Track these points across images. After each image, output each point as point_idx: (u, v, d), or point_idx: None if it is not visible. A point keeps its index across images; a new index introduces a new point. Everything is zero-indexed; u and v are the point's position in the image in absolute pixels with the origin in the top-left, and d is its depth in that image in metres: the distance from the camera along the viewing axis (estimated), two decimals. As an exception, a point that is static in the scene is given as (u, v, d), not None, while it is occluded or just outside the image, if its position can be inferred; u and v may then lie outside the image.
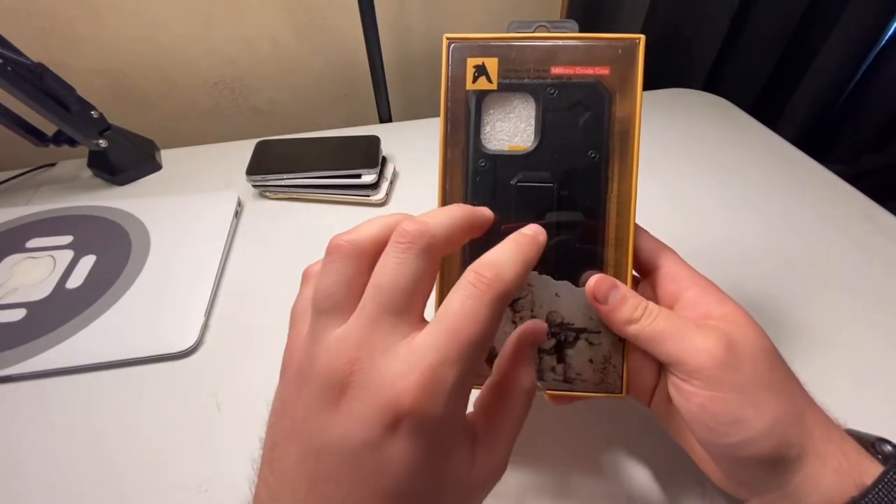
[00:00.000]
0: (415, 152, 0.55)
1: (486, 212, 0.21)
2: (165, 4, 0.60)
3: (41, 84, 0.46)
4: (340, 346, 0.16)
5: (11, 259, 0.42)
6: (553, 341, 0.23)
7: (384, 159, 0.52)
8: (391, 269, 0.17)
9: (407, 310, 0.17)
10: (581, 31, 0.23)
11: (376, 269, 0.17)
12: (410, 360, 0.16)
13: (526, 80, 0.23)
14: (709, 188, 0.51)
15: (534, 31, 0.23)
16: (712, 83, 0.84)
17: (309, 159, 0.51)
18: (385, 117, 0.66)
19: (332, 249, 0.18)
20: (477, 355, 0.16)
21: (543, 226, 0.22)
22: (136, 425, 0.33)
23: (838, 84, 0.97)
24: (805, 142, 0.86)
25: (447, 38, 0.23)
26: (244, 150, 0.53)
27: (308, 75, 0.72)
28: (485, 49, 0.23)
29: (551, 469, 0.30)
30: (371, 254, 0.18)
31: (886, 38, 0.93)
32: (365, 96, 0.69)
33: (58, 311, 0.38)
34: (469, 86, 0.23)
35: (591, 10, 0.75)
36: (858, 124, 1.02)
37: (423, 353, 0.16)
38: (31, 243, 0.44)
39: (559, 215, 0.23)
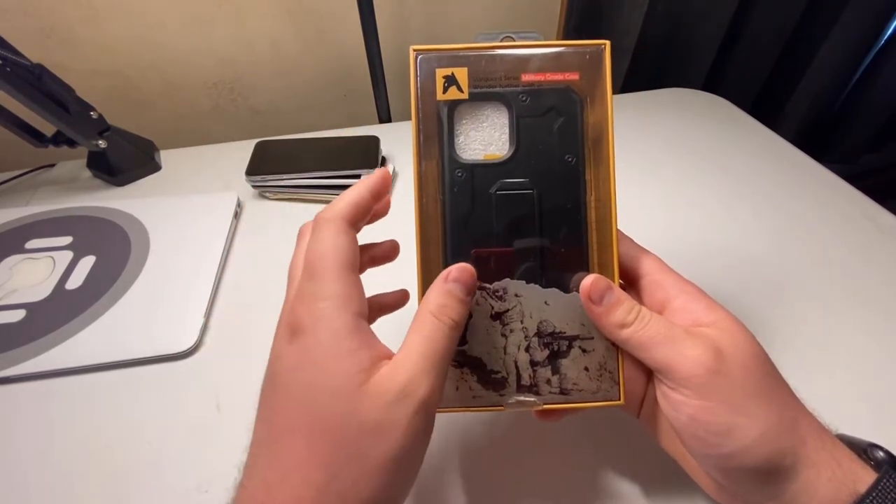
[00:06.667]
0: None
1: (381, 175, 0.24)
2: (165, 5, 0.60)
3: (40, 85, 0.46)
4: (294, 302, 0.21)
5: (11, 260, 0.42)
6: (546, 352, 0.23)
7: (384, 159, 0.52)
8: (306, 247, 0.22)
9: (320, 271, 0.21)
10: (579, 32, 0.23)
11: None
12: (300, 295, 0.21)
13: (497, 88, 0.23)
14: (708, 188, 0.51)
15: (500, 41, 0.23)
16: (712, 83, 0.84)
17: (308, 160, 0.51)
18: (384, 117, 0.66)
19: (316, 223, 0.23)
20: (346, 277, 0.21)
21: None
22: (136, 426, 0.33)
23: (838, 84, 0.97)
24: (804, 141, 0.86)
25: (414, 51, 0.23)
26: (244, 150, 0.53)
27: (307, 76, 0.72)
28: (453, 59, 0.23)
29: (546, 484, 0.30)
30: (349, 221, 0.22)
31: (885, 38, 0.93)
32: (364, 96, 0.69)
33: (57, 312, 0.38)
34: (440, 96, 0.23)
35: (590, 10, 0.75)
36: (857, 124, 1.02)
37: (305, 287, 0.21)
38: (30, 244, 0.44)
39: (541, 222, 0.23)
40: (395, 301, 0.29)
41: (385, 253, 0.28)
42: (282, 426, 0.19)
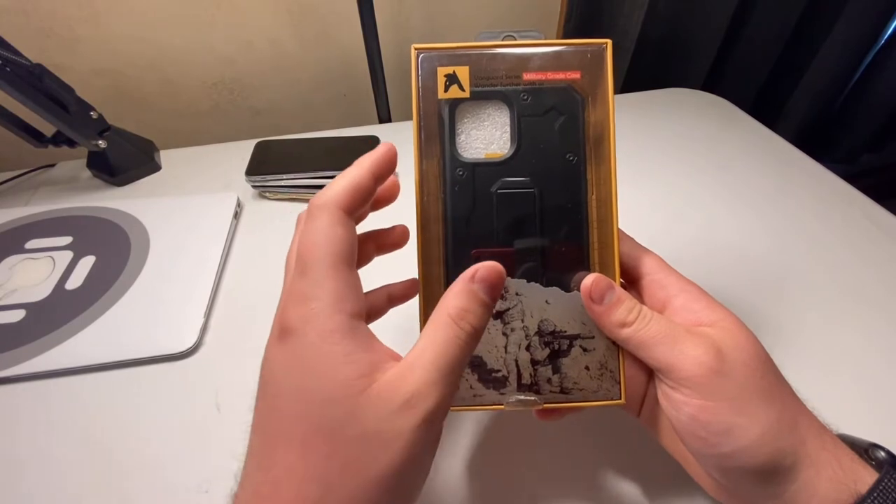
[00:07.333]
0: (414, 152, 0.55)
1: (385, 152, 0.22)
2: (164, 5, 0.60)
3: (40, 85, 0.46)
4: (285, 300, 0.20)
5: (11, 260, 0.42)
6: (547, 351, 0.23)
7: (384, 159, 0.52)
8: (298, 238, 0.21)
9: (311, 267, 0.19)
10: (579, 32, 0.23)
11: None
12: (290, 292, 0.19)
13: (498, 87, 0.23)
14: (708, 188, 0.51)
15: (502, 40, 0.23)
16: (712, 83, 0.84)
17: (308, 159, 0.51)
18: (384, 117, 0.66)
19: (309, 210, 0.21)
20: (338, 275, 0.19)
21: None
22: (136, 426, 0.33)
23: (837, 84, 0.97)
24: (804, 141, 0.86)
25: (415, 49, 0.23)
26: (244, 150, 0.53)
27: (307, 75, 0.72)
28: (455, 58, 0.23)
29: (546, 483, 0.30)
30: (346, 207, 0.21)
31: (885, 37, 0.93)
32: (364, 96, 0.69)
33: (57, 312, 0.38)
34: (441, 95, 0.23)
35: (590, 10, 0.75)
36: (857, 124, 1.02)
37: (296, 284, 0.19)
38: (30, 244, 0.44)
39: (542, 221, 0.23)
40: (404, 291, 0.27)
41: (394, 240, 0.26)
42: (274, 435, 0.18)
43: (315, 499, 0.16)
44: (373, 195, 0.22)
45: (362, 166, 0.21)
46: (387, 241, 0.26)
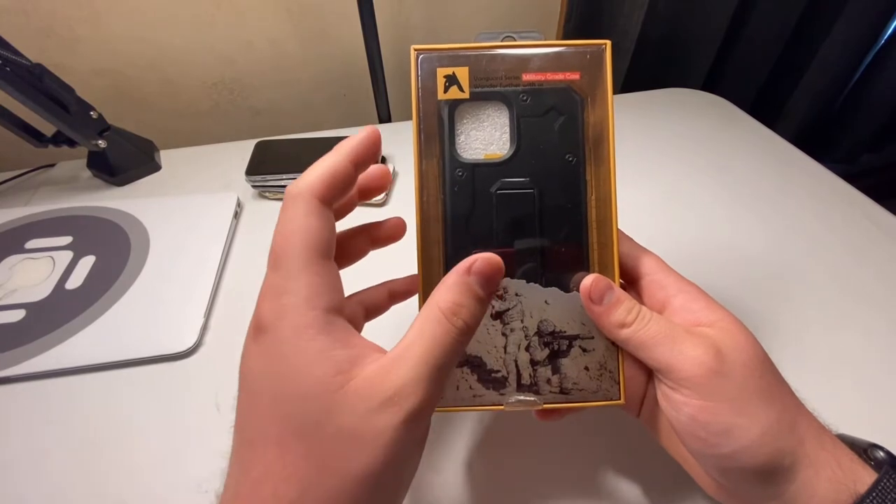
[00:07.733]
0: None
1: (366, 136, 0.21)
2: (164, 5, 0.60)
3: (40, 85, 0.46)
4: (260, 295, 0.19)
5: (11, 260, 0.42)
6: (546, 351, 0.23)
7: (383, 159, 0.52)
8: (276, 228, 0.20)
9: (284, 259, 0.19)
10: (579, 32, 0.23)
11: None
12: (265, 287, 0.19)
13: (498, 87, 0.23)
14: (708, 188, 0.51)
15: (501, 41, 0.23)
16: (712, 83, 0.84)
17: (308, 159, 0.50)
18: (384, 117, 0.66)
19: (284, 200, 0.20)
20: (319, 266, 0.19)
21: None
22: (136, 426, 0.33)
23: (838, 84, 0.97)
24: (804, 141, 0.86)
25: (415, 50, 0.23)
26: (244, 150, 0.53)
27: (307, 75, 0.72)
28: (454, 59, 0.23)
29: (545, 483, 0.30)
30: (322, 197, 0.20)
31: (885, 37, 0.93)
32: (364, 96, 0.69)
33: (57, 312, 0.38)
34: (441, 95, 0.23)
35: (590, 11, 0.75)
36: (857, 124, 1.02)
37: (269, 278, 0.19)
38: (30, 244, 0.44)
39: (541, 221, 0.23)
40: (406, 287, 0.27)
41: (389, 233, 0.25)
42: (253, 435, 0.18)
43: (292, 499, 0.16)
44: (353, 183, 0.21)
45: (340, 152, 0.21)
46: (380, 234, 0.25)
